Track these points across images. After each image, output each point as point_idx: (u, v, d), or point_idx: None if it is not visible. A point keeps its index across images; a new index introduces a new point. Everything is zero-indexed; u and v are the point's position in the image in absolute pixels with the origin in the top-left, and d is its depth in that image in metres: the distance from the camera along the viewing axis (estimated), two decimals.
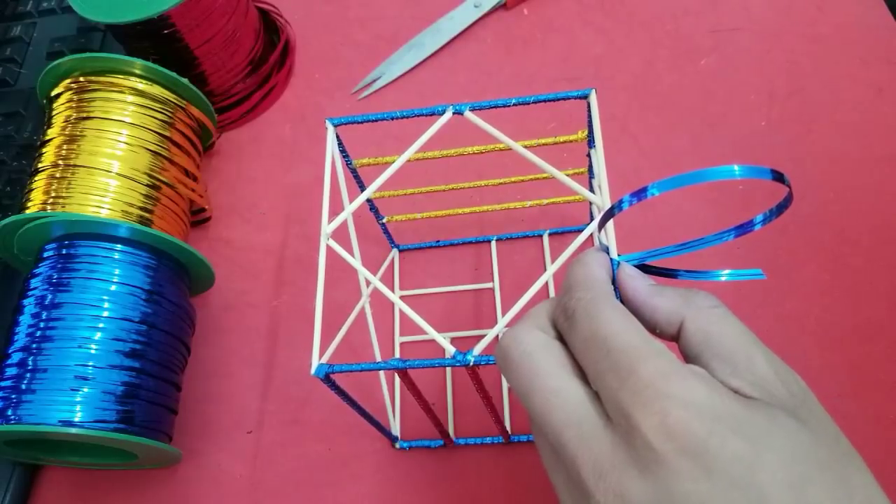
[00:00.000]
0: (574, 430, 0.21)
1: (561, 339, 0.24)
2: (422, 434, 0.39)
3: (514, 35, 0.52)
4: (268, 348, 0.44)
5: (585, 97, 0.31)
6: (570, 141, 0.33)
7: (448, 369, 0.41)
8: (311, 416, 0.41)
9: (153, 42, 0.46)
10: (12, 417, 0.35)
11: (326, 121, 0.33)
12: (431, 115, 0.31)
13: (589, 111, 0.31)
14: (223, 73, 0.50)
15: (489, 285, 0.43)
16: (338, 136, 0.33)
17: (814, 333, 0.38)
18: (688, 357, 0.23)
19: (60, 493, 0.42)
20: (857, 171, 0.42)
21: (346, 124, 0.33)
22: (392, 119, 0.32)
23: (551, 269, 0.28)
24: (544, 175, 0.30)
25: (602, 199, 0.29)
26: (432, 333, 0.27)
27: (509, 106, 0.31)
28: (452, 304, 0.43)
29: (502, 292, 0.43)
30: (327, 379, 0.29)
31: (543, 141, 0.33)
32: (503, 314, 0.42)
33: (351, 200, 0.32)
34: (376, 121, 0.32)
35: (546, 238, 0.44)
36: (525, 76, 0.50)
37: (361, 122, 0.32)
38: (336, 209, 0.30)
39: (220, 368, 0.44)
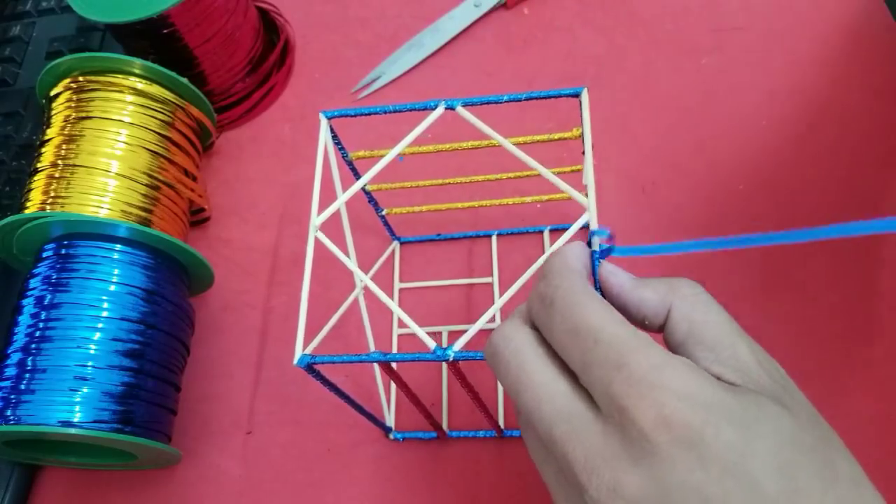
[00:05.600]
0: (565, 426, 0.21)
1: (536, 329, 0.24)
2: (417, 426, 0.39)
3: (514, 34, 0.52)
4: (267, 348, 0.44)
5: (577, 95, 0.31)
6: (565, 138, 0.33)
7: (444, 363, 0.41)
8: (310, 416, 0.41)
9: (152, 42, 0.46)
10: (11, 418, 0.35)
11: (320, 114, 0.33)
12: (424, 109, 0.31)
13: (581, 109, 0.31)
14: (223, 72, 0.50)
15: (488, 280, 0.43)
16: (333, 130, 0.33)
17: (813, 333, 0.38)
18: (671, 344, 0.23)
19: (60, 494, 0.42)
20: (857, 171, 0.42)
21: (339, 117, 0.33)
22: (385, 113, 0.32)
23: (530, 270, 0.28)
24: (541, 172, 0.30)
25: (588, 200, 0.29)
26: (413, 327, 0.27)
27: (501, 102, 0.31)
28: (452, 298, 0.43)
29: (501, 288, 0.43)
30: (310, 369, 0.29)
31: (537, 138, 0.33)
32: (501, 310, 0.42)
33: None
34: (370, 114, 0.32)
35: (547, 234, 0.44)
36: (525, 76, 0.50)
37: (355, 116, 0.32)
38: (331, 203, 0.30)
39: (219, 369, 0.44)
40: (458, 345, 0.27)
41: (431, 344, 0.27)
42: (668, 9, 0.50)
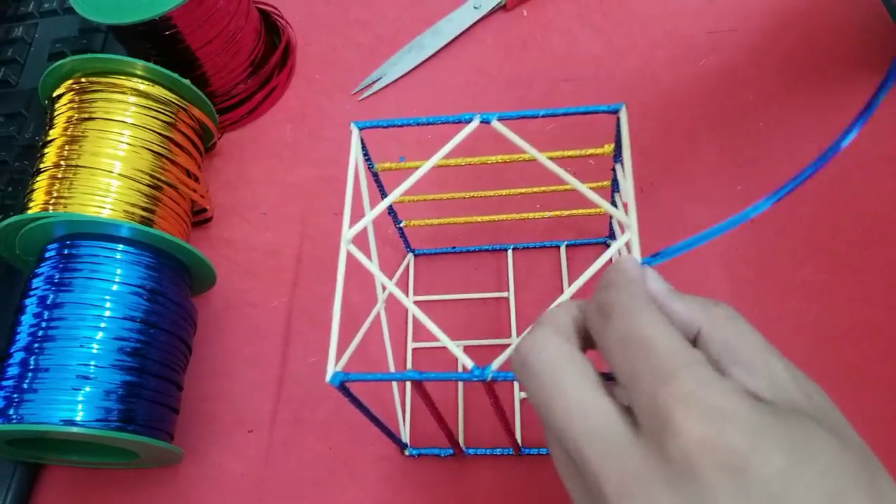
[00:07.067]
0: (598, 446, 0.20)
1: (584, 342, 0.23)
2: (431, 442, 0.39)
3: (513, 36, 0.52)
4: (269, 348, 0.44)
5: (616, 112, 0.31)
6: (596, 154, 0.33)
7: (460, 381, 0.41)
8: (312, 416, 0.41)
9: (155, 43, 0.46)
10: (14, 417, 0.35)
11: (351, 124, 0.32)
12: (458, 122, 0.31)
13: (618, 126, 0.31)
14: (224, 74, 0.50)
15: (504, 294, 0.43)
16: (363, 141, 0.33)
17: (811, 333, 0.38)
18: None
19: (62, 493, 0.42)
20: (855, 171, 0.42)
21: (370, 128, 0.32)
22: (418, 125, 0.32)
23: (572, 287, 0.28)
24: (565, 187, 0.30)
25: (628, 218, 0.28)
26: (449, 345, 0.27)
27: (538, 117, 0.30)
28: (466, 312, 0.43)
29: (517, 302, 0.42)
30: (342, 387, 0.29)
31: (569, 153, 0.33)
32: (517, 324, 0.41)
33: (369, 205, 0.31)
34: (402, 126, 0.32)
35: (563, 249, 0.43)
36: (525, 77, 0.50)
37: (387, 127, 0.32)
38: (355, 213, 0.29)
39: (220, 368, 0.44)
40: (496, 365, 0.27)
41: (469, 363, 0.27)
42: (666, 10, 0.51)
